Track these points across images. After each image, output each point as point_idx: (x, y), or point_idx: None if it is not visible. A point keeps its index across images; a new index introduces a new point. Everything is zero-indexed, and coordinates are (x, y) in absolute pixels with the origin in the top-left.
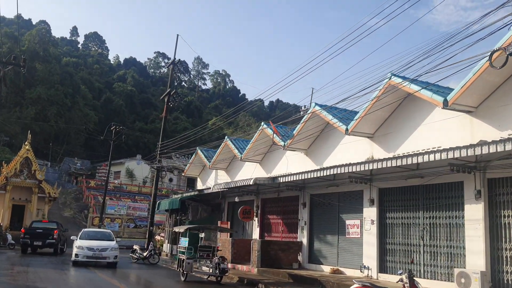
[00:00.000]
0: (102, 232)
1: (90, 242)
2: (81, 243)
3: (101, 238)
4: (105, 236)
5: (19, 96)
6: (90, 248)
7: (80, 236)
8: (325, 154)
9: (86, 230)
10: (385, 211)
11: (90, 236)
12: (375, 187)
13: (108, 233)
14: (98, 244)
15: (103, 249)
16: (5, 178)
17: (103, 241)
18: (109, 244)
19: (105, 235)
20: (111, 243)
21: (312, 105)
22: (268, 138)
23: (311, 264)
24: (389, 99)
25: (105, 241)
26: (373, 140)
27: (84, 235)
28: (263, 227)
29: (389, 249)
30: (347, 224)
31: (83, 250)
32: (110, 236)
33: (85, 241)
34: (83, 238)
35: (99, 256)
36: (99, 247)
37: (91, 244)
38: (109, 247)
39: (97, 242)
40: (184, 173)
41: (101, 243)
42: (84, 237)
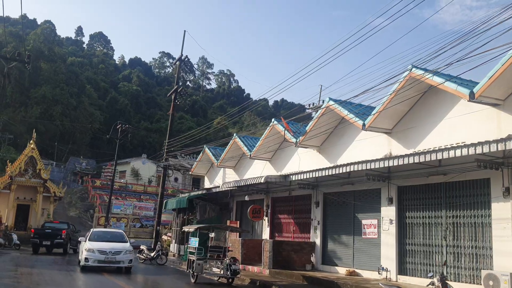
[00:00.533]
0: (113, 233)
1: (101, 244)
2: (91, 246)
3: (113, 239)
4: (117, 237)
5: (24, 96)
6: (102, 251)
7: (89, 237)
8: (339, 151)
9: (95, 230)
10: (405, 210)
11: (100, 237)
12: (394, 185)
13: (120, 233)
14: (110, 246)
15: (117, 252)
16: (10, 177)
17: (116, 243)
18: (123, 246)
19: (117, 235)
20: (125, 245)
21: (326, 99)
22: (279, 135)
23: (325, 266)
24: (409, 93)
25: (118, 243)
26: (391, 136)
27: (93, 236)
28: (274, 227)
29: (409, 250)
30: (363, 223)
31: (94, 254)
32: (123, 237)
33: (96, 243)
34: (93, 240)
35: (112, 260)
36: (112, 250)
37: (102, 246)
38: (123, 249)
39: (109, 244)
40: (191, 171)
41: (114, 245)
42: (93, 238)
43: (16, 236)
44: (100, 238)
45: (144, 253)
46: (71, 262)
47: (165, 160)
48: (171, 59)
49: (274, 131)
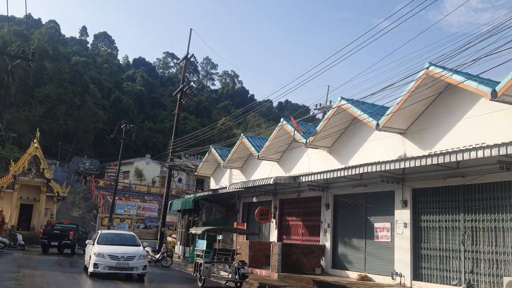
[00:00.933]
0: (124, 235)
1: (112, 248)
2: (100, 250)
3: (124, 242)
4: (128, 240)
5: (28, 95)
6: (113, 256)
7: (98, 241)
8: (350, 152)
9: (104, 233)
10: (420, 213)
11: (110, 240)
12: (409, 187)
13: (132, 236)
14: (122, 251)
15: (130, 257)
16: (13, 177)
17: (128, 247)
18: (136, 250)
19: (129, 238)
20: (138, 249)
21: (338, 99)
22: (288, 135)
23: (335, 270)
24: (425, 92)
25: (130, 247)
26: (406, 136)
27: (102, 239)
28: (281, 229)
29: (424, 254)
30: (376, 227)
31: (104, 259)
32: (135, 240)
33: (105, 247)
34: (102, 243)
35: (125, 266)
36: (125, 254)
37: (113, 250)
38: (136, 254)
39: (120, 248)
40: (197, 172)
41: (126, 250)
42: (102, 242)
43: (21, 236)
44: (110, 241)
45: (149, 255)
46: (75, 264)
47: (170, 161)
48: (175, 60)
49: (282, 131)
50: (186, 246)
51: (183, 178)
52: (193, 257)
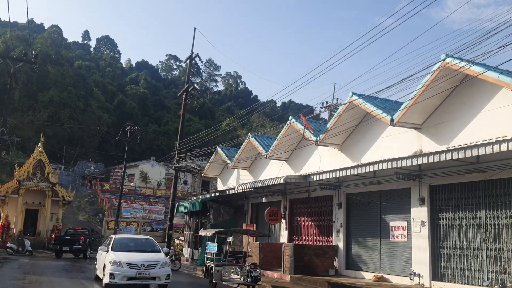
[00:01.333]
0: (141, 240)
1: (130, 255)
2: (116, 257)
3: (142, 248)
4: (147, 245)
5: (32, 100)
6: (132, 264)
7: (112, 247)
8: (362, 149)
9: (118, 238)
10: (438, 211)
11: (126, 245)
12: (426, 184)
13: (150, 241)
14: (142, 258)
15: (151, 265)
16: (18, 182)
17: (147, 253)
18: (158, 257)
19: (147, 243)
20: (159, 256)
21: (349, 94)
22: (297, 134)
23: (349, 271)
24: (442, 85)
25: (150, 253)
26: (421, 131)
27: (117, 244)
28: (292, 229)
29: (444, 253)
30: (391, 226)
31: (122, 268)
32: (154, 245)
33: (122, 254)
34: (118, 249)
35: (146, 276)
36: (145, 262)
37: (132, 258)
38: (158, 262)
39: (139, 255)
40: (203, 173)
41: (146, 257)
42: (118, 248)
43: (29, 242)
44: (126, 247)
45: None
46: (83, 269)
47: (176, 162)
48: (178, 62)
49: (291, 129)
50: (194, 249)
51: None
52: (201, 260)
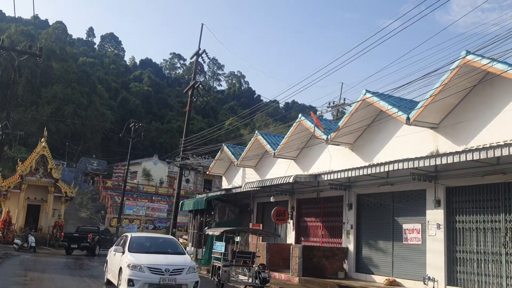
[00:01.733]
0: (161, 240)
1: (152, 258)
2: (136, 260)
3: (164, 249)
4: (169, 246)
5: (35, 95)
6: (155, 269)
7: (130, 247)
8: (375, 148)
9: (135, 237)
10: (454, 213)
11: (145, 246)
12: (442, 185)
13: (172, 240)
14: (166, 261)
15: (177, 270)
16: (20, 177)
17: (171, 256)
18: (183, 261)
19: (169, 243)
20: (185, 259)
21: (363, 92)
22: (306, 132)
23: (359, 274)
24: (460, 83)
25: (174, 256)
26: (438, 131)
27: (134, 244)
28: (299, 230)
29: (460, 258)
30: (404, 228)
31: (143, 274)
32: (177, 245)
33: (142, 256)
34: (136, 250)
35: (171, 283)
36: (170, 267)
37: (154, 261)
38: (184, 266)
39: (162, 258)
40: (209, 171)
41: (170, 260)
42: (136, 248)
43: (33, 238)
44: (145, 248)
45: None
46: (85, 266)
47: (181, 159)
48: (181, 61)
49: (300, 127)
50: (198, 248)
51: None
52: (206, 259)
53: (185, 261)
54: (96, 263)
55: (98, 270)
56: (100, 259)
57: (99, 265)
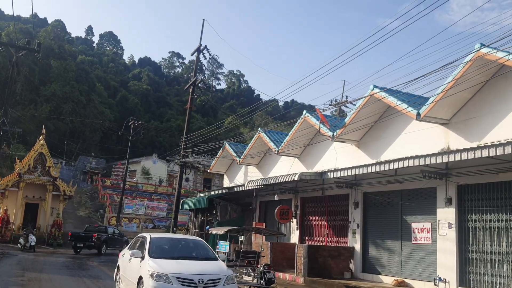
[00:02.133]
0: (187, 242)
1: (180, 265)
2: (160, 268)
3: (192, 254)
4: (198, 251)
5: (34, 93)
6: (186, 280)
7: (150, 251)
8: (382, 145)
9: (157, 238)
10: (466, 212)
11: (168, 250)
12: (453, 183)
13: (201, 243)
14: (198, 269)
15: (212, 282)
16: (18, 175)
17: (202, 262)
18: (218, 269)
19: (197, 247)
20: (220, 266)
21: (370, 87)
22: (311, 129)
23: (365, 274)
24: (473, 77)
25: (205, 262)
26: (449, 127)
27: (155, 248)
28: (303, 229)
29: (473, 258)
30: (413, 227)
31: (170, 285)
32: (207, 249)
33: (167, 263)
34: (158, 255)
35: None
36: (204, 277)
37: (183, 269)
38: (221, 275)
39: (193, 265)
40: (210, 169)
41: (202, 268)
42: (158, 253)
43: (34, 237)
44: (170, 252)
45: None
46: (82, 266)
47: (182, 157)
48: (180, 59)
49: (305, 124)
50: None
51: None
52: None
53: (221, 269)
54: (95, 263)
55: (97, 270)
56: (100, 258)
57: (98, 264)
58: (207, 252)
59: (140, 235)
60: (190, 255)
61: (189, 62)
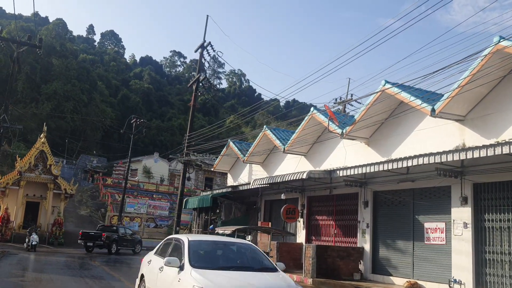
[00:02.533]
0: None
1: (230, 278)
2: (208, 282)
3: (243, 263)
4: (250, 259)
5: (35, 92)
6: None
7: (191, 259)
8: (394, 143)
9: (196, 241)
10: (483, 211)
11: (213, 257)
12: (469, 181)
13: (251, 247)
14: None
15: None
16: (19, 173)
17: (257, 274)
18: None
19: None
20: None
21: (382, 83)
22: (318, 127)
23: (375, 275)
24: (492, 71)
25: (261, 274)
26: (465, 123)
27: (197, 255)
28: (310, 229)
29: (490, 259)
30: (426, 227)
31: None
32: (261, 257)
33: (215, 275)
34: (201, 265)
35: None
36: None
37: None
38: None
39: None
40: (213, 168)
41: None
42: (201, 262)
43: (37, 237)
44: (215, 261)
45: None
46: (84, 266)
47: (185, 155)
48: (182, 58)
49: (313, 121)
50: None
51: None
52: None
53: (289, 285)
54: (98, 263)
55: (99, 270)
56: (104, 258)
57: (100, 264)
58: (262, 260)
59: (171, 237)
60: (243, 264)
61: (190, 61)
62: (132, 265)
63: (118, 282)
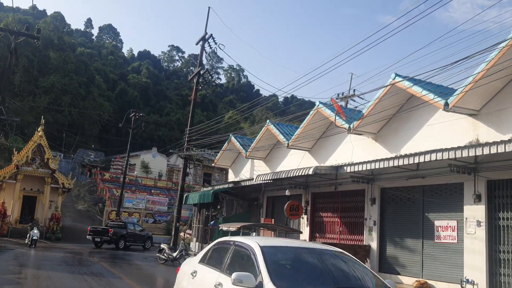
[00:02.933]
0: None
1: None
2: None
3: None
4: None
5: (33, 85)
6: None
7: (272, 274)
8: (403, 138)
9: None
10: (497, 209)
11: (299, 271)
12: (483, 178)
13: (347, 257)
14: None
15: None
16: (16, 167)
17: None
18: None
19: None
20: None
21: (392, 76)
22: (324, 121)
23: (383, 274)
24: (508, 65)
25: None
26: (478, 118)
27: (277, 266)
28: (314, 226)
29: (504, 259)
30: (437, 225)
31: None
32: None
33: None
34: (288, 284)
35: None
36: None
37: None
38: None
39: None
40: (214, 163)
41: None
42: (286, 279)
43: (38, 231)
44: (303, 277)
45: (166, 252)
46: (82, 262)
47: (186, 150)
48: (180, 53)
49: (318, 116)
50: (203, 243)
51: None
52: None
53: None
54: (96, 259)
55: (99, 266)
56: (103, 254)
57: (99, 260)
58: (366, 275)
59: (230, 240)
60: (339, 283)
61: (188, 56)
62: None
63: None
